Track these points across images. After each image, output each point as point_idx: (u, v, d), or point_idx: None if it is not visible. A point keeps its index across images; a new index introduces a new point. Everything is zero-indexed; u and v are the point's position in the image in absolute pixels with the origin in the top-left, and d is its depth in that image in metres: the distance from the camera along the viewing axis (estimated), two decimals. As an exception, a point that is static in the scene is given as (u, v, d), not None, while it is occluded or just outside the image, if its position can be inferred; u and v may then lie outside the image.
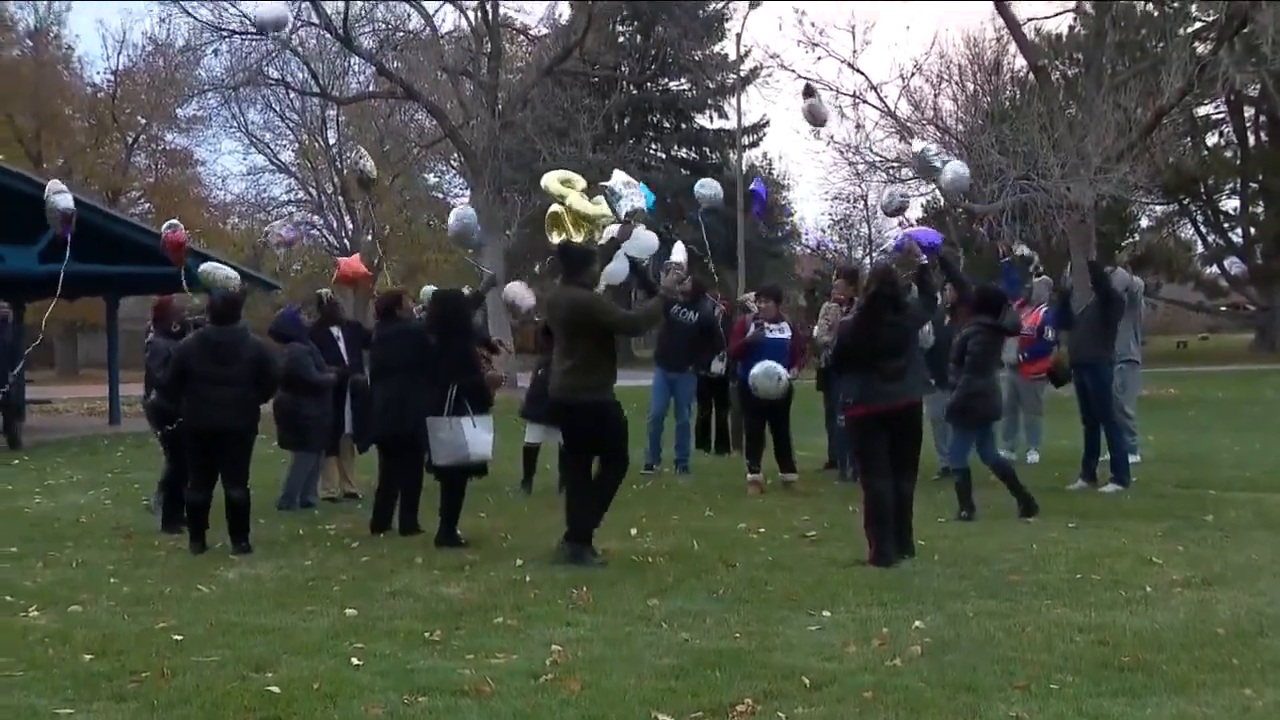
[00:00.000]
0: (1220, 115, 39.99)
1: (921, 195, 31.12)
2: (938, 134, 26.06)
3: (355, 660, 5.21)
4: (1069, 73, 31.70)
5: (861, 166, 28.35)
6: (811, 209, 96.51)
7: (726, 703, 4.56)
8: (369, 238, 36.74)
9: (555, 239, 9.64)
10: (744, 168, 38.86)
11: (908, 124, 25.22)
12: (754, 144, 46.50)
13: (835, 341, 7.97)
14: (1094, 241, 23.34)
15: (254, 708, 4.62)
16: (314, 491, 10.04)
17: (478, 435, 7.97)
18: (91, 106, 41.40)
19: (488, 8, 29.37)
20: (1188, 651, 5.11)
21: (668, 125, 46.90)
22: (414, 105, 32.07)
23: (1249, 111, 40.96)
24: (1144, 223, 43.45)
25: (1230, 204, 43.39)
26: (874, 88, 25.22)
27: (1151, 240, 43.05)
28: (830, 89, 25.19)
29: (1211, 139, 41.52)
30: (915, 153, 9.67)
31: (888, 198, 12.16)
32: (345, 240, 39.78)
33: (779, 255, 48.98)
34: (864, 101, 25.35)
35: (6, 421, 15.84)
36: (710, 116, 46.62)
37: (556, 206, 9.19)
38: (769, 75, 34.74)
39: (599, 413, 7.39)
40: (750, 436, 10.62)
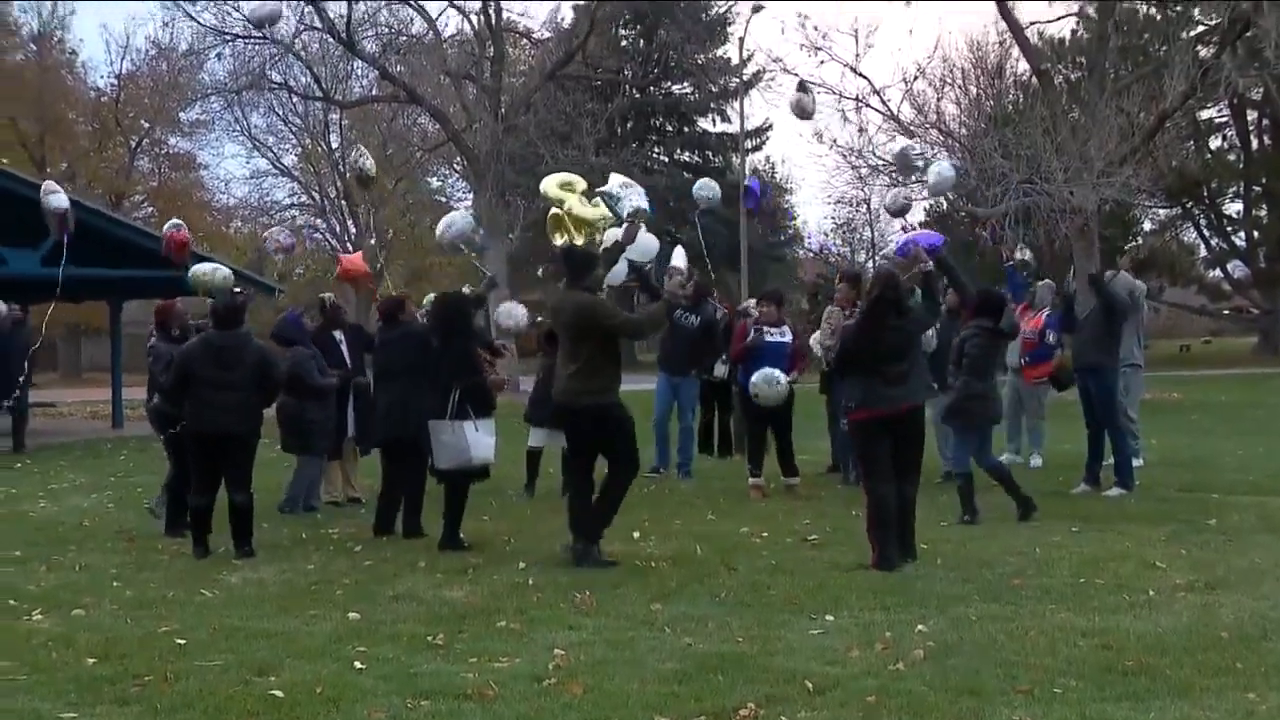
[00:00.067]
0: (1223, 119, 39.94)
1: (925, 199, 31.07)
2: (941, 137, 26.03)
3: (358, 664, 5.21)
4: (1072, 76, 31.65)
5: (864, 170, 28.31)
6: (814, 212, 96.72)
7: (729, 707, 4.56)
8: (372, 241, 36.78)
9: (558, 240, 9.65)
10: (747, 171, 38.86)
11: (911, 128, 25.19)
12: (757, 148, 46.51)
13: (838, 345, 7.97)
14: (1096, 245, 23.33)
15: (257, 712, 4.62)
16: (316, 495, 10.05)
17: (480, 439, 7.97)
18: (95, 111, 41.46)
19: (490, 12, 29.41)
20: (1191, 656, 5.11)
21: (670, 129, 46.94)
22: (417, 109, 32.09)
23: (1252, 115, 40.90)
24: (1147, 226, 43.39)
25: (1233, 207, 43.36)
26: (877, 91, 25.20)
27: (1154, 244, 42.93)
28: (833, 93, 25.24)
29: (1214, 142, 41.46)
30: (896, 151, 9.72)
31: (891, 198, 12.19)
32: (348, 244, 39.79)
33: (781, 259, 49.04)
34: (867, 105, 25.36)
35: (15, 424, 15.88)
36: (713, 120, 46.71)
37: (557, 209, 9.21)
38: (772, 79, 34.74)
39: (602, 416, 7.39)
40: (752, 440, 10.62)
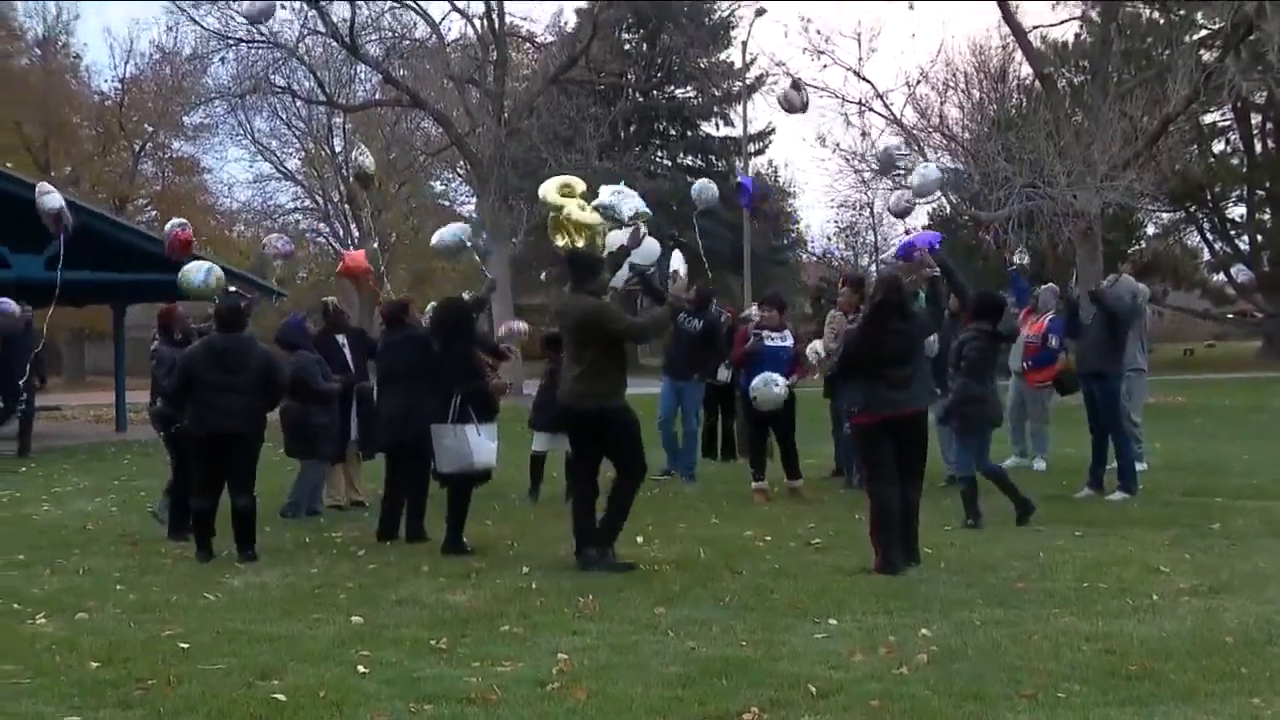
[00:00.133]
0: (1227, 122, 39.91)
1: (928, 202, 31.05)
2: (944, 141, 26.04)
3: (361, 668, 5.21)
4: (1075, 80, 31.64)
5: (867, 174, 28.32)
6: (817, 216, 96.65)
7: (733, 711, 4.56)
8: (374, 245, 36.76)
9: (559, 242, 9.68)
10: (750, 175, 38.87)
11: (914, 131, 25.20)
12: (760, 151, 46.60)
13: (840, 349, 7.96)
14: (1100, 249, 23.31)
15: (260, 715, 4.62)
16: (319, 500, 10.05)
17: (482, 443, 7.97)
18: (99, 115, 41.55)
19: (494, 16, 29.44)
20: (1195, 660, 5.09)
21: (674, 133, 46.99)
22: (420, 113, 32.14)
23: (1256, 118, 40.89)
24: (1150, 230, 43.34)
25: (1237, 211, 43.30)
26: (880, 95, 25.23)
27: (1158, 248, 42.97)
28: (836, 96, 25.27)
29: (1218, 146, 41.44)
30: (880, 149, 9.72)
31: (895, 200, 12.18)
32: (351, 248, 39.82)
33: (784, 263, 49.05)
34: (870, 109, 25.38)
35: (22, 428, 15.90)
36: (716, 124, 46.77)
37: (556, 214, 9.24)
38: (775, 83, 34.76)
39: (607, 419, 7.39)
40: (754, 444, 10.61)
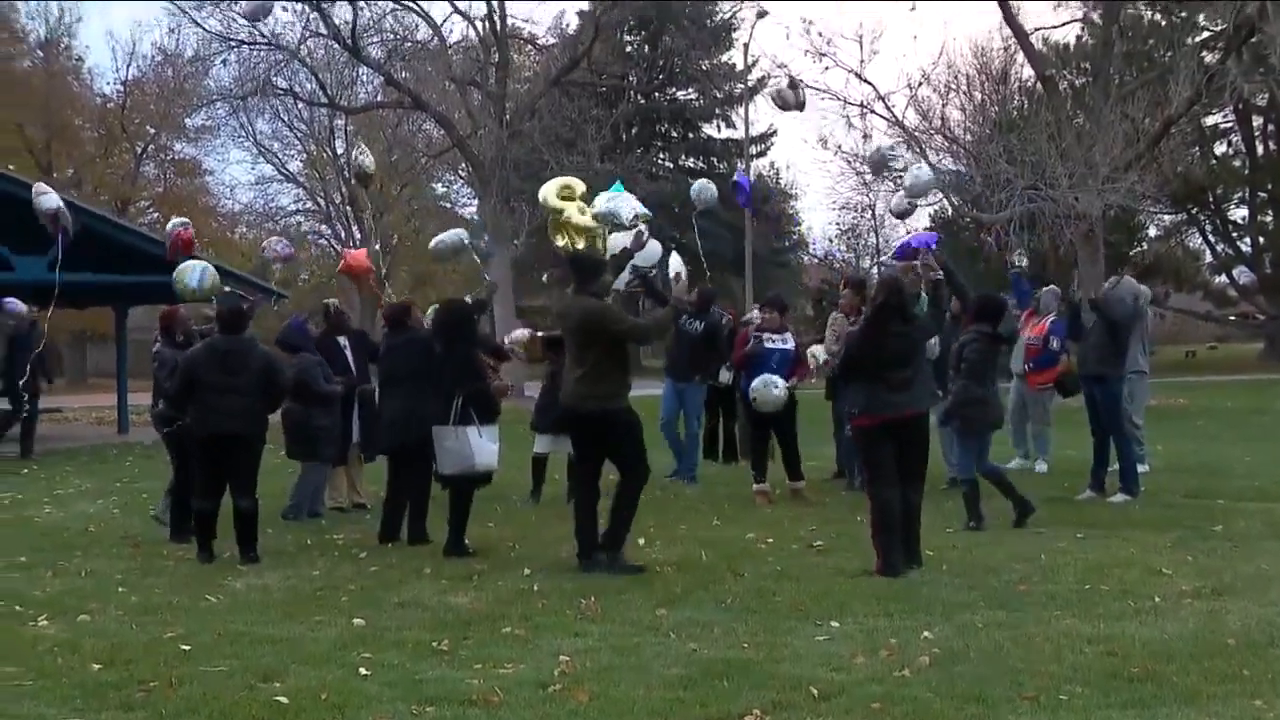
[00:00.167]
0: (1228, 124, 39.88)
1: (929, 203, 31.09)
2: (945, 143, 26.05)
3: (363, 670, 5.21)
4: (1077, 82, 31.64)
5: (869, 176, 28.34)
6: (819, 218, 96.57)
7: (734, 713, 4.56)
8: (376, 247, 36.75)
9: (559, 242, 9.70)
10: (752, 177, 38.87)
11: (915, 134, 25.22)
12: (762, 153, 46.55)
13: (842, 351, 7.96)
14: (1101, 251, 23.30)
15: (262, 718, 4.63)
16: (321, 502, 10.05)
17: (483, 445, 7.97)
18: (101, 117, 41.58)
19: (495, 18, 29.45)
20: (1197, 662, 5.09)
21: (675, 135, 46.97)
22: (422, 115, 32.15)
23: (1257, 120, 40.84)
24: (1152, 232, 43.33)
25: (1239, 213, 43.25)
26: (881, 97, 25.24)
27: (1160, 250, 42.94)
28: (838, 98, 25.28)
29: (1220, 148, 41.40)
30: (871, 150, 9.73)
31: (896, 201, 12.19)
32: (352, 249, 39.83)
33: (786, 264, 48.99)
34: (871, 111, 25.39)
35: (26, 430, 15.92)
36: (718, 126, 46.73)
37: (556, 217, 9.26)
38: (777, 83, 34.79)
39: (607, 421, 7.38)
40: (755, 447, 10.60)
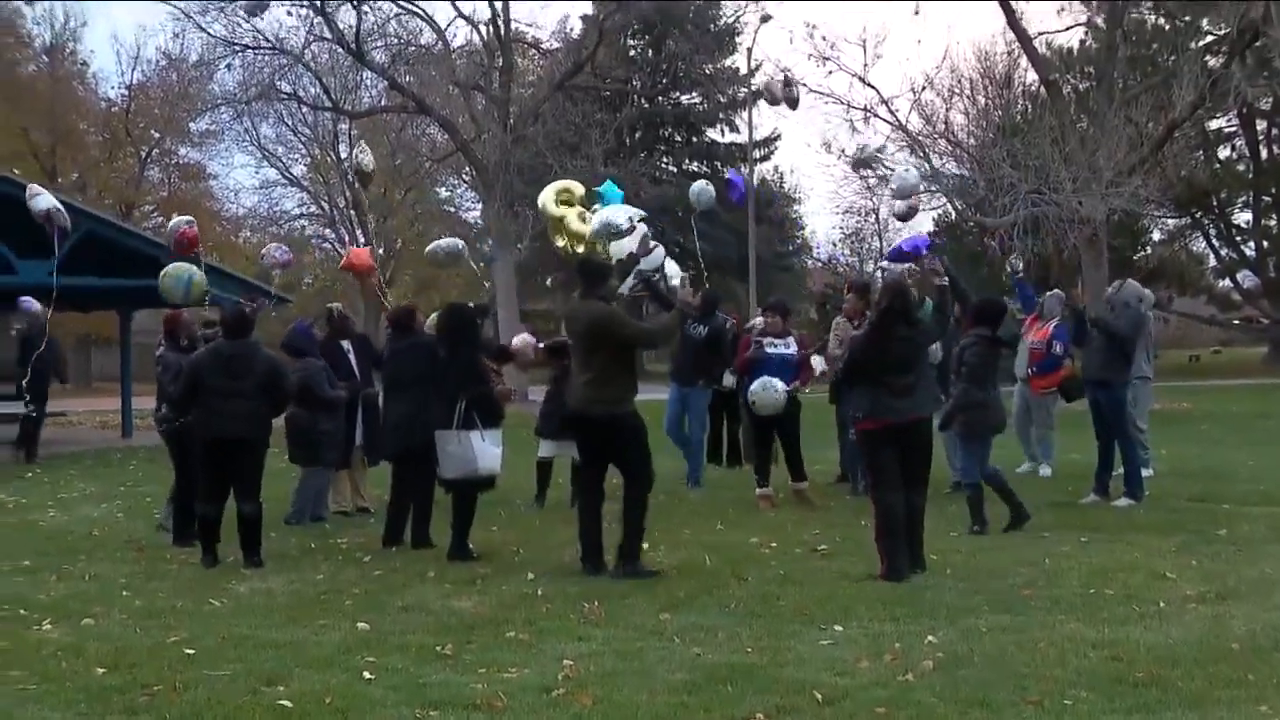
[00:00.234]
0: (1232, 128, 39.83)
1: (933, 208, 31.11)
2: (949, 147, 26.04)
3: (367, 674, 5.21)
4: (1080, 86, 31.67)
5: (873, 180, 28.36)
6: (823, 223, 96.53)
7: (738, 717, 4.56)
8: (380, 252, 36.84)
9: (559, 243, 9.72)
10: (755, 181, 38.91)
11: (919, 138, 25.22)
12: (765, 158, 46.53)
13: (845, 355, 7.96)
14: (1105, 255, 23.29)
15: (266, 721, 4.63)
16: (324, 506, 10.06)
17: (486, 449, 7.97)
18: (106, 121, 41.69)
19: (499, 22, 29.48)
20: (1202, 667, 5.08)
21: (679, 139, 46.96)
22: (426, 119, 32.17)
23: (1261, 124, 40.82)
24: (1156, 236, 43.33)
25: (1243, 217, 43.22)
26: (885, 101, 25.26)
27: (1164, 254, 42.92)
28: (842, 102, 25.29)
29: (1223, 152, 41.34)
30: (856, 148, 9.73)
31: (897, 203, 12.18)
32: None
33: (790, 269, 49.01)
34: (875, 115, 25.39)
35: (30, 434, 15.94)
36: (721, 130, 46.72)
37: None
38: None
39: (614, 425, 7.38)
40: (759, 451, 10.60)
